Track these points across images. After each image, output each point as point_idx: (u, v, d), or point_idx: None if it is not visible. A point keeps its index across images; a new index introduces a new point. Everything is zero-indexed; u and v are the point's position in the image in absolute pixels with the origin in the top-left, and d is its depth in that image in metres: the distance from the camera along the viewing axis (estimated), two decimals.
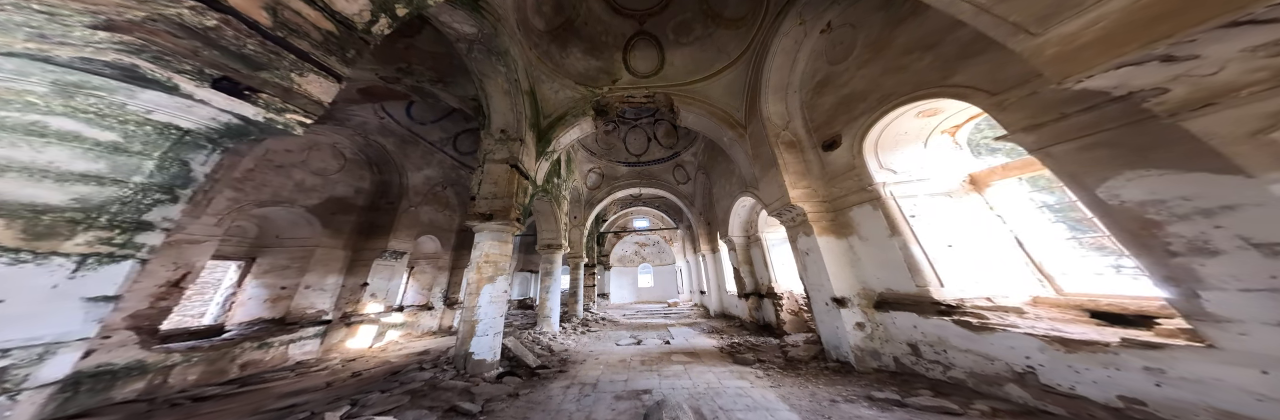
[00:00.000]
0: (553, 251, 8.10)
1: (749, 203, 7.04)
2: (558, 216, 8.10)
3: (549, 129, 6.64)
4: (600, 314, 10.91)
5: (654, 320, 9.89)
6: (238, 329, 5.83)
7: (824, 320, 4.02)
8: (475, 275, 4.82)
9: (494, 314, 4.79)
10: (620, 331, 8.04)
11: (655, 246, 18.45)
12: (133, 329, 4.46)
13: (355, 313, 6.95)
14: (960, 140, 3.30)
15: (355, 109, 6.23)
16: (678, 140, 10.54)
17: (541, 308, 7.58)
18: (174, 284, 4.82)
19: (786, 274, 6.49)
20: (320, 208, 6.59)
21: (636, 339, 6.87)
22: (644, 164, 11.09)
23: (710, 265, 10.31)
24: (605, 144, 10.84)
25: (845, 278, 3.79)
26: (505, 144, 5.55)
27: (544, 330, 7.33)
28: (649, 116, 10.73)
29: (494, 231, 5.12)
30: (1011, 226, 2.83)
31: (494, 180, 5.30)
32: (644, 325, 8.96)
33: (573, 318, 9.50)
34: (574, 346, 6.56)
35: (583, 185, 10.71)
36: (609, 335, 7.58)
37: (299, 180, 6.23)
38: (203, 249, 5.05)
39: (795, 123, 5.00)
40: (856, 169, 3.77)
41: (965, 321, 2.58)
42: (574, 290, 10.12)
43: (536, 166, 6.36)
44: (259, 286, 6.13)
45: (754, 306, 6.92)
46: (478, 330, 4.57)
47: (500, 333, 4.92)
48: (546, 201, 7.74)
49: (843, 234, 4.02)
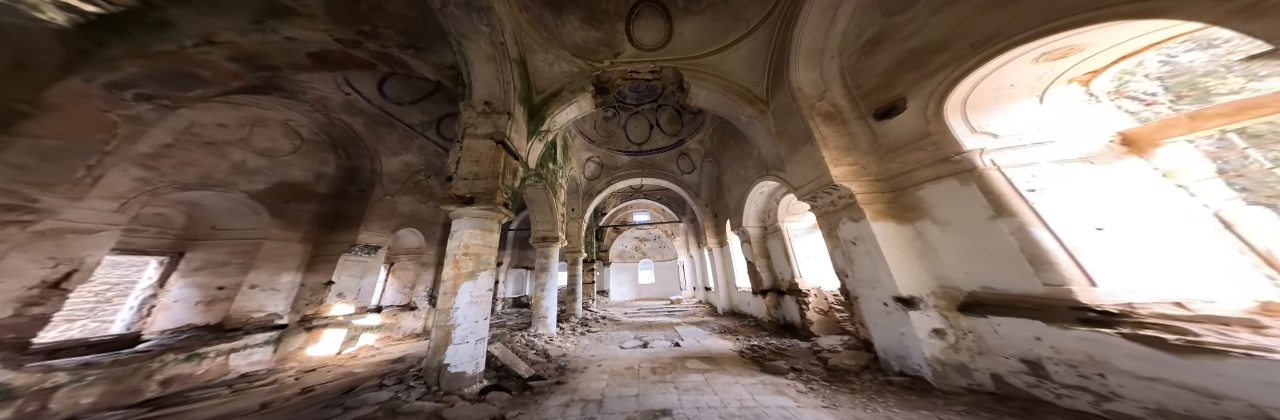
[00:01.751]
0: (549, 245, 6.96)
1: (768, 189, 6.06)
2: (554, 206, 6.94)
3: (542, 106, 5.48)
4: (600, 312, 9.85)
5: (658, 319, 8.90)
6: (159, 338, 4.51)
7: (880, 324, 3.08)
8: (452, 270, 3.69)
9: (475, 316, 3.69)
10: (623, 332, 7.01)
11: (656, 241, 17.32)
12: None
13: (317, 315, 5.67)
14: (1097, 90, 2.37)
15: (309, 80, 4.89)
16: (682, 127, 9.48)
17: (536, 307, 6.47)
18: (53, 285, 3.51)
19: (813, 268, 5.59)
20: (268, 194, 5.26)
21: (642, 341, 5.85)
22: (646, 153, 10.00)
23: (717, 260, 9.35)
24: (604, 132, 9.69)
25: (913, 272, 2.86)
26: (489, 117, 4.39)
27: (540, 332, 6.23)
28: (651, 101, 9.62)
29: (476, 218, 3.98)
30: (1207, 200, 1.94)
31: (475, 158, 4.14)
32: (648, 324, 7.96)
33: (571, 317, 8.41)
34: (573, 350, 5.50)
35: (581, 175, 9.55)
36: (611, 336, 6.54)
37: (239, 161, 4.89)
38: (97, 241, 3.73)
39: (834, 92, 4.02)
40: (933, 136, 2.82)
41: (1153, 338, 1.65)
42: (572, 287, 9.01)
43: (528, 147, 5.21)
44: (189, 287, 4.80)
45: (773, 304, 5.99)
46: (454, 337, 3.47)
47: (484, 339, 3.82)
48: (541, 189, 6.57)
49: (907, 218, 3.08)
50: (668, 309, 10.83)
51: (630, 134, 9.95)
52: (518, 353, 4.97)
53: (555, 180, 7.19)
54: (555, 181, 7.17)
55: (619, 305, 12.73)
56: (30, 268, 3.36)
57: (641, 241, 17.36)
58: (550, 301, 6.59)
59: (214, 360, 4.67)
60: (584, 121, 9.13)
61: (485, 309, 3.88)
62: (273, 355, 5.29)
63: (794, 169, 4.40)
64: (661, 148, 9.90)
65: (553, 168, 7.09)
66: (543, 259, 6.84)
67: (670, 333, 6.71)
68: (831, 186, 3.55)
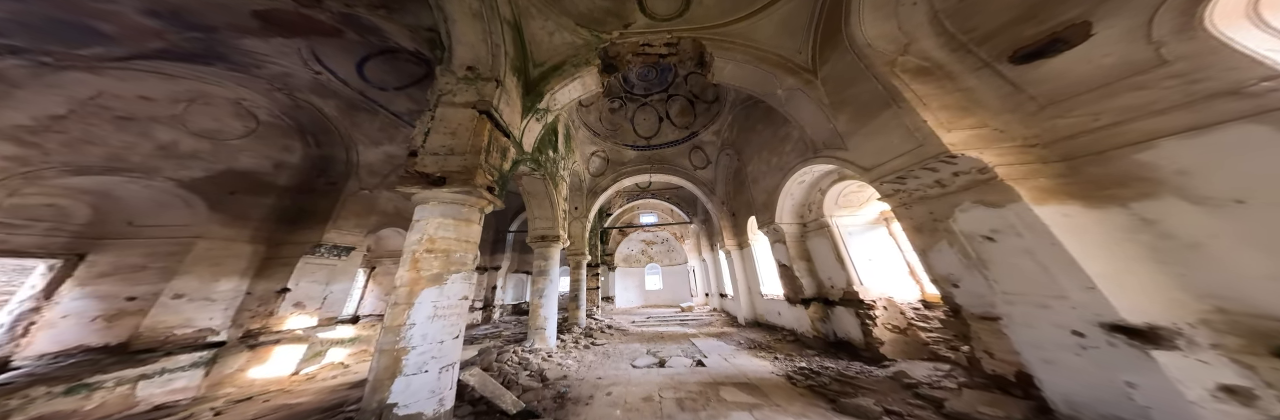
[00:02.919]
0: (548, 245, 5.75)
1: (811, 177, 4.88)
2: (555, 201, 5.77)
3: (541, 80, 4.39)
4: (606, 321, 8.54)
5: (670, 328, 7.62)
6: (33, 365, 3.25)
7: (1065, 363, 1.91)
8: (408, 273, 2.55)
9: (439, 335, 2.53)
10: (633, 344, 5.75)
11: (664, 245, 15.77)
12: None
13: (266, 329, 4.43)
14: None
15: (263, 51, 3.81)
16: (695, 118, 8.40)
17: (534, 316, 5.21)
18: None
19: (876, 273, 4.30)
20: (207, 183, 4.12)
21: (657, 358, 4.60)
22: (655, 147, 8.90)
23: (736, 264, 8.10)
24: (610, 124, 8.61)
25: (1146, 284, 1.70)
26: (473, 84, 3.31)
27: (536, 346, 4.95)
28: (661, 91, 8.53)
29: (447, 204, 2.83)
30: None
31: (451, 129, 3.03)
32: (659, 335, 6.67)
33: (574, 327, 7.12)
34: (576, 369, 4.26)
35: (584, 170, 8.42)
36: (620, 350, 5.27)
37: (167, 142, 3.79)
38: None
39: (924, 44, 2.94)
40: (1178, 63, 1.68)
41: None
42: (575, 293, 7.75)
43: (523, 126, 4.10)
44: (86, 298, 3.60)
45: (819, 316, 4.71)
46: (406, 364, 2.36)
47: (454, 364, 2.64)
48: (540, 180, 5.41)
49: (1110, 198, 1.92)
50: (679, 317, 9.49)
51: (638, 127, 8.86)
52: (506, 376, 3.69)
53: (555, 170, 6.03)
54: (555, 172, 6.01)
55: (625, 312, 11.36)
56: None
57: (649, 245, 15.94)
58: (549, 310, 5.34)
59: (112, 391, 3.41)
60: (589, 113, 8.06)
61: (456, 325, 2.68)
62: (202, 380, 4.02)
63: (864, 144, 3.25)
64: (672, 141, 8.80)
65: (553, 156, 5.95)
66: (542, 261, 5.61)
67: (687, 347, 5.42)
68: (942, 159, 2.39)
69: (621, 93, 8.29)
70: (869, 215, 4.61)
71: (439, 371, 2.48)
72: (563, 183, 6.50)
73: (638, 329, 7.66)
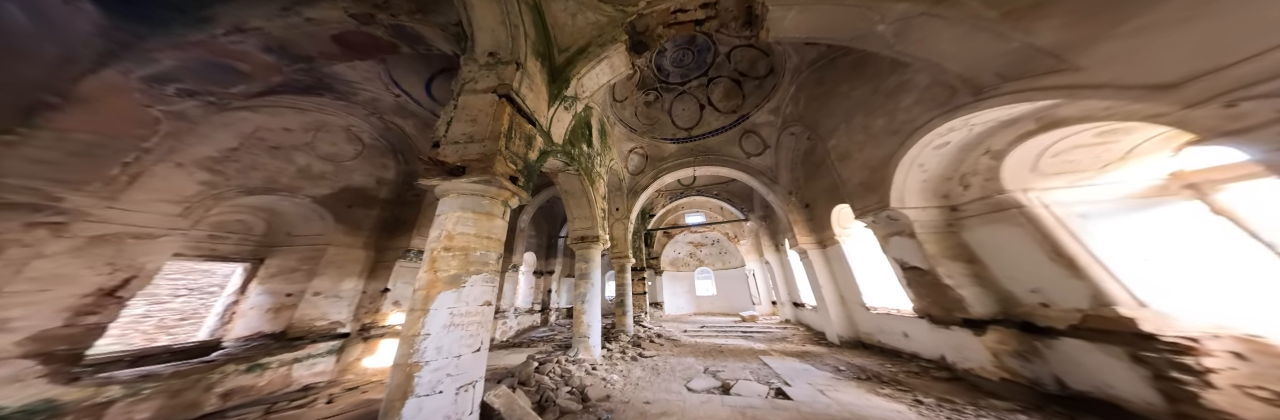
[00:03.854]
0: (589, 246, 5.24)
1: (966, 134, 3.06)
2: (592, 198, 5.27)
3: (567, 66, 3.95)
4: (655, 328, 7.60)
5: (731, 341, 6.25)
6: (233, 346, 4.11)
7: None
8: (426, 274, 2.17)
9: (457, 348, 2.06)
10: (686, 358, 4.76)
11: (715, 246, 13.83)
12: (36, 356, 2.73)
13: (375, 324, 4.96)
14: None
15: (350, 76, 4.40)
16: (743, 99, 7.06)
17: (577, 323, 4.69)
18: (108, 293, 3.14)
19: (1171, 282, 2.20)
20: (332, 199, 4.87)
21: (718, 379, 3.56)
22: (697, 138, 7.82)
23: (817, 266, 6.24)
24: (647, 119, 7.88)
25: None
26: (493, 69, 2.97)
27: (580, 357, 4.37)
28: (700, 75, 7.39)
29: (467, 195, 2.44)
30: None
31: (471, 116, 2.70)
32: (717, 349, 5.45)
33: (620, 334, 6.41)
34: (621, 387, 3.52)
35: (623, 169, 7.84)
36: (671, 365, 4.34)
37: (303, 166, 4.58)
38: (158, 246, 3.38)
39: None
40: None
41: None
42: (621, 298, 7.08)
43: (551, 114, 3.67)
44: (262, 294, 4.49)
45: (1013, 348, 2.84)
46: (418, 383, 1.93)
47: (477, 382, 2.13)
48: (576, 177, 4.97)
49: None
50: (739, 328, 7.87)
51: (677, 119, 7.89)
52: (544, 392, 3.12)
53: (591, 166, 5.54)
54: (591, 168, 5.53)
55: (676, 320, 10.09)
56: (85, 274, 3.02)
57: (697, 247, 14.15)
58: (593, 316, 4.74)
59: (276, 371, 4.10)
60: (624, 108, 7.47)
61: (476, 336, 2.19)
62: (335, 365, 4.63)
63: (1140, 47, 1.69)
64: (718, 129, 7.55)
65: (588, 151, 5.48)
66: (583, 263, 5.10)
67: (758, 367, 4.11)
68: None
69: (656, 83, 7.50)
70: (1128, 183, 2.59)
71: (456, 392, 1.99)
72: (600, 180, 6.00)
73: (691, 339, 6.48)
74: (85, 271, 3.04)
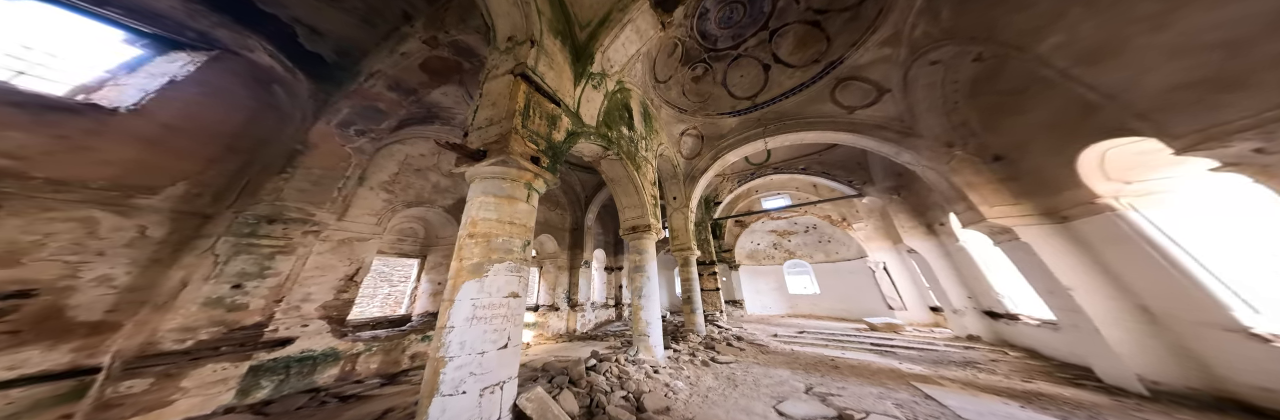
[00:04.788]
0: (641, 236, 4.63)
1: None
2: (640, 184, 4.63)
3: (590, 41, 3.53)
4: (733, 330, 6.18)
5: (849, 354, 4.42)
6: (417, 320, 5.59)
7: None
8: (455, 263, 2.02)
9: (482, 343, 1.87)
10: (777, 370, 3.63)
11: (811, 234, 10.44)
12: (324, 319, 4.29)
13: None
14: None
15: (449, 103, 5.39)
16: (829, 43, 5.07)
17: (635, 320, 4.16)
18: (349, 278, 4.65)
19: None
20: (454, 208, 6.09)
21: (833, 408, 2.41)
22: (764, 105, 6.04)
23: (1053, 254, 3.53)
24: (697, 96, 6.59)
25: None
26: (511, 52, 2.79)
27: (641, 357, 3.77)
28: (759, 28, 5.55)
29: (487, 179, 2.27)
30: None
31: (492, 101, 2.59)
32: (826, 363, 3.96)
33: (690, 335, 5.39)
34: (686, 398, 2.90)
35: (676, 154, 6.77)
36: (756, 377, 3.37)
37: (434, 182, 5.90)
38: (369, 246, 4.86)
39: None
40: None
41: None
42: (687, 295, 6.05)
43: (578, 94, 3.30)
44: (428, 281, 5.95)
45: None
46: (443, 380, 1.75)
47: (506, 383, 1.92)
48: (619, 163, 4.45)
49: None
50: (868, 339, 5.51)
51: (734, 88, 6.29)
52: (595, 396, 2.66)
53: (634, 150, 4.90)
54: (634, 152, 4.89)
55: (762, 321, 8.08)
56: (338, 265, 4.58)
57: (782, 236, 10.92)
58: (650, 312, 4.10)
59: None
60: (668, 89, 6.43)
61: (503, 331, 1.93)
62: None
63: None
64: (794, 89, 5.68)
65: (629, 134, 4.84)
66: (636, 255, 4.47)
67: (910, 399, 2.65)
68: None
69: (703, 54, 6.15)
70: None
71: (480, 394, 1.74)
72: (647, 165, 5.27)
73: (785, 347, 4.93)
74: (338, 263, 4.61)
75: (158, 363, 2.87)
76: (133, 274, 3.16)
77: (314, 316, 4.24)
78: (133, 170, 3.26)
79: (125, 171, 3.22)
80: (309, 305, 4.25)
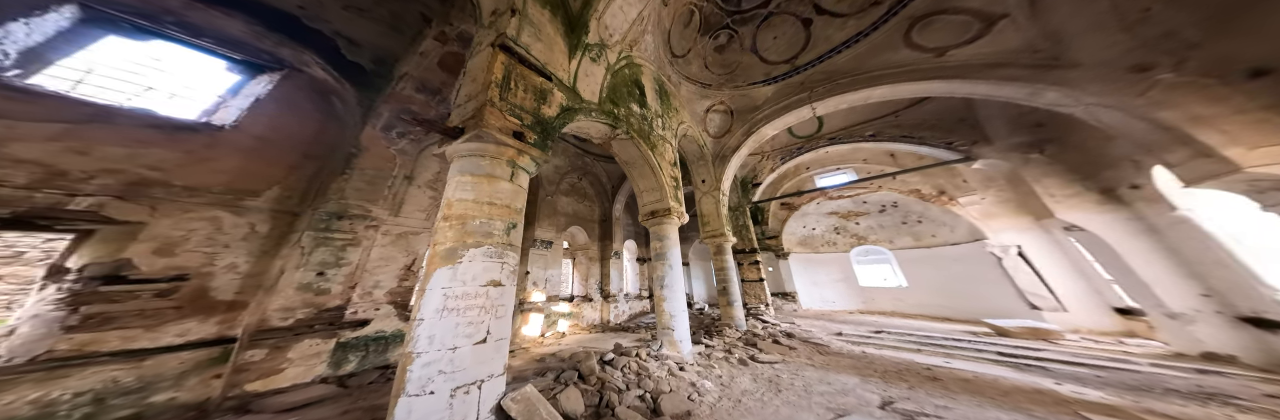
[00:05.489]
0: (661, 221, 4.10)
1: None
2: (656, 165, 4.11)
3: (584, 8, 3.06)
4: (782, 325, 5.28)
5: (955, 364, 2.97)
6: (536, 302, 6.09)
7: None
8: (431, 249, 1.82)
9: (453, 337, 1.66)
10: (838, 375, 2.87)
11: (890, 213, 8.22)
12: (392, 303, 4.84)
13: (525, 300, 6.05)
14: None
15: None
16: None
17: (658, 312, 3.71)
18: (408, 267, 5.16)
19: None
20: None
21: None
22: (807, 67, 4.90)
23: None
24: (722, 68, 5.63)
25: None
26: (493, 26, 2.53)
27: (665, 352, 3.29)
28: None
29: (464, 157, 2.06)
30: None
31: (473, 76, 2.35)
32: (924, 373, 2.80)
33: (726, 330, 4.68)
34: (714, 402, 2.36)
35: (702, 134, 5.93)
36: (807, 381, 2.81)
37: None
38: (421, 239, 5.34)
39: None
40: None
41: None
42: (723, 286, 5.31)
43: (573, 68, 2.93)
44: None
45: None
46: (408, 378, 1.54)
47: (480, 384, 1.59)
48: (630, 143, 3.96)
49: None
50: (992, 345, 3.96)
51: (767, 53, 5.25)
52: (605, 394, 2.35)
53: (648, 129, 4.35)
54: (648, 131, 4.33)
55: (820, 317, 6.75)
56: (398, 256, 5.09)
57: (847, 217, 8.76)
58: (674, 304, 3.61)
59: None
60: (688, 64, 5.62)
61: (478, 323, 1.71)
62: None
63: None
64: (849, 40, 4.49)
65: (641, 112, 4.26)
66: (657, 242, 3.97)
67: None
68: None
69: (726, 19, 5.20)
70: None
71: (451, 394, 1.52)
72: (665, 144, 4.68)
73: (852, 347, 3.96)
74: (398, 254, 5.14)
75: (270, 336, 3.40)
76: (250, 262, 3.83)
77: (383, 301, 4.76)
78: (239, 177, 3.94)
79: (234, 178, 3.90)
80: (379, 291, 4.78)
